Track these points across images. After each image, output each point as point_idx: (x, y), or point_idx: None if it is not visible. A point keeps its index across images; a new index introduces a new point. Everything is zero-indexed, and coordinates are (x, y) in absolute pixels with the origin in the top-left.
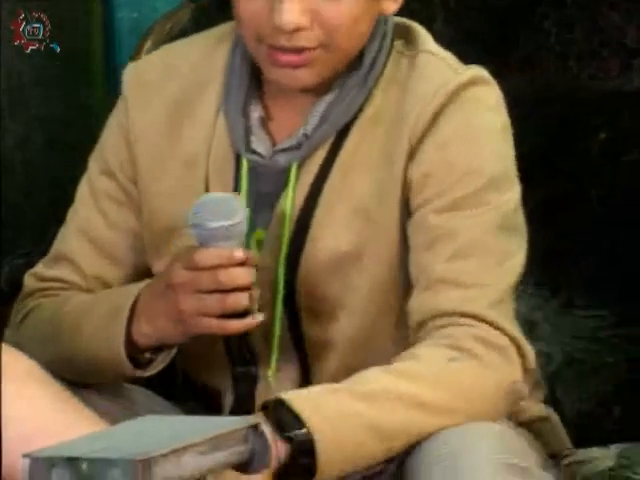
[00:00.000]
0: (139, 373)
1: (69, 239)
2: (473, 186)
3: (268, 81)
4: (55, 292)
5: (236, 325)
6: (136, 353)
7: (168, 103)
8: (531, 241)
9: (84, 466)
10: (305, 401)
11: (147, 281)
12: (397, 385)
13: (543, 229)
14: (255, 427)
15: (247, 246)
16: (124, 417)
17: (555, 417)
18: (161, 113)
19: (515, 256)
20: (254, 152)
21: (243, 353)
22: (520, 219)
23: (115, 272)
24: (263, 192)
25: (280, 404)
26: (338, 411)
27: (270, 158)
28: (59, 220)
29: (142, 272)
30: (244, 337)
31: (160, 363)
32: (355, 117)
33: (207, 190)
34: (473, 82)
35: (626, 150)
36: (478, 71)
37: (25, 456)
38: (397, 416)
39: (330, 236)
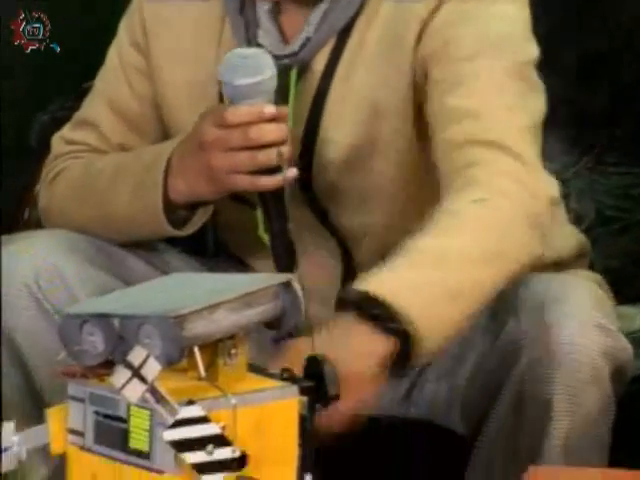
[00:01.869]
0: (176, 232)
1: (95, 105)
2: (487, 43)
3: None
4: (82, 155)
5: (268, 181)
6: (172, 210)
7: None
8: (565, 98)
9: (116, 322)
10: (395, 294)
11: (179, 138)
12: (450, 245)
13: (577, 87)
14: (286, 284)
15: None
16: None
17: (604, 283)
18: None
19: (534, 100)
20: (259, 46)
21: (279, 210)
22: (536, 77)
23: (139, 142)
24: None
25: (366, 295)
26: (421, 288)
27: (277, 55)
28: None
29: None
30: (279, 194)
31: (196, 222)
32: (354, 18)
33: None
34: None
35: None
36: None
37: (57, 313)
38: (467, 274)
39: (340, 134)
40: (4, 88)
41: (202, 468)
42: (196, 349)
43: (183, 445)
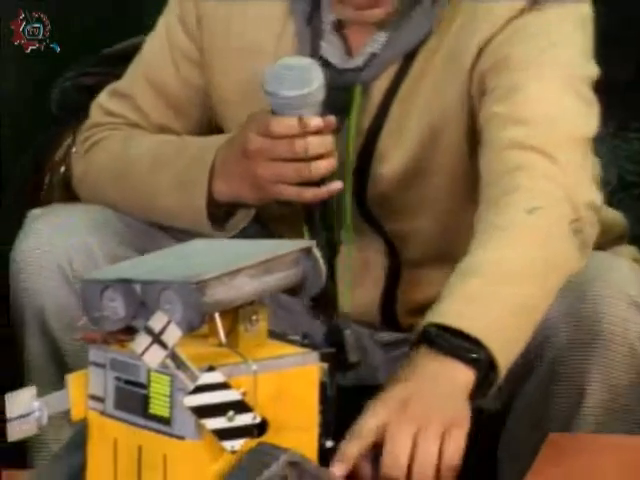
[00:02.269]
0: (217, 233)
1: (137, 81)
2: (545, 57)
3: None
4: (121, 127)
5: (313, 193)
6: (214, 209)
7: None
8: None
9: (137, 288)
10: (468, 319)
11: (222, 137)
12: (511, 260)
13: (601, 54)
14: (307, 250)
15: None
16: None
17: None
18: None
19: (586, 116)
20: (321, 59)
21: (323, 221)
22: (591, 95)
23: (179, 125)
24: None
25: (438, 327)
26: (493, 310)
27: (340, 69)
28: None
29: (205, 128)
30: (323, 204)
31: (238, 223)
32: (420, 44)
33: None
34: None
35: None
36: None
37: (78, 280)
38: (530, 289)
39: (398, 152)
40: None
41: (222, 434)
42: (217, 315)
43: (203, 411)
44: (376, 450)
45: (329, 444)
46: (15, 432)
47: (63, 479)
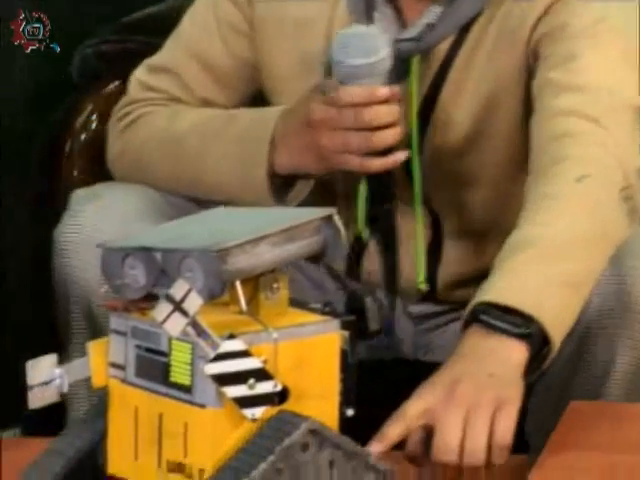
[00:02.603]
0: (279, 204)
1: (178, 57)
2: (602, 27)
3: None
4: (163, 103)
5: (379, 163)
6: (273, 181)
7: None
8: None
9: (158, 256)
10: (519, 295)
11: (275, 109)
12: (563, 232)
13: None
14: (328, 218)
15: None
16: None
17: None
18: None
19: (637, 85)
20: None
21: (384, 191)
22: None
23: (224, 98)
24: None
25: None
26: (546, 285)
27: (396, 39)
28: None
29: (248, 101)
30: (387, 175)
31: (299, 194)
32: (476, 16)
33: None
34: None
35: None
36: None
37: (99, 246)
38: (582, 262)
39: (455, 122)
40: None
41: (243, 402)
42: (238, 283)
43: (224, 379)
44: (427, 433)
45: (350, 412)
46: (36, 399)
47: (85, 446)
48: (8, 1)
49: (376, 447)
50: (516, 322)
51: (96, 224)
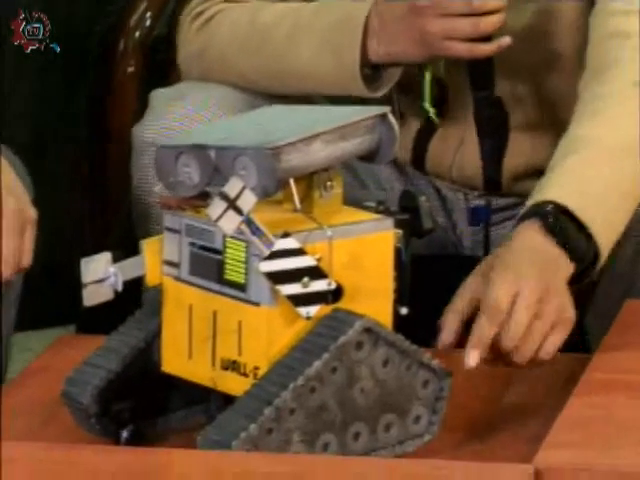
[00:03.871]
0: (369, 93)
1: None
2: None
3: None
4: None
5: (488, 48)
6: (364, 68)
7: None
8: None
9: (211, 154)
10: (579, 200)
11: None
12: (619, 136)
13: None
14: (383, 116)
15: None
16: None
17: None
18: None
19: None
20: None
21: (487, 77)
22: None
23: None
24: None
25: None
26: (601, 193)
27: None
28: None
29: None
30: (488, 61)
31: (388, 82)
32: None
33: None
34: None
35: None
36: None
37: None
38: (635, 169)
39: (527, 8)
40: None
41: (297, 300)
42: (291, 181)
43: (278, 277)
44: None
45: (404, 311)
46: (90, 297)
47: (139, 343)
48: (8, 1)
49: (474, 354)
50: (572, 235)
51: (183, 127)
